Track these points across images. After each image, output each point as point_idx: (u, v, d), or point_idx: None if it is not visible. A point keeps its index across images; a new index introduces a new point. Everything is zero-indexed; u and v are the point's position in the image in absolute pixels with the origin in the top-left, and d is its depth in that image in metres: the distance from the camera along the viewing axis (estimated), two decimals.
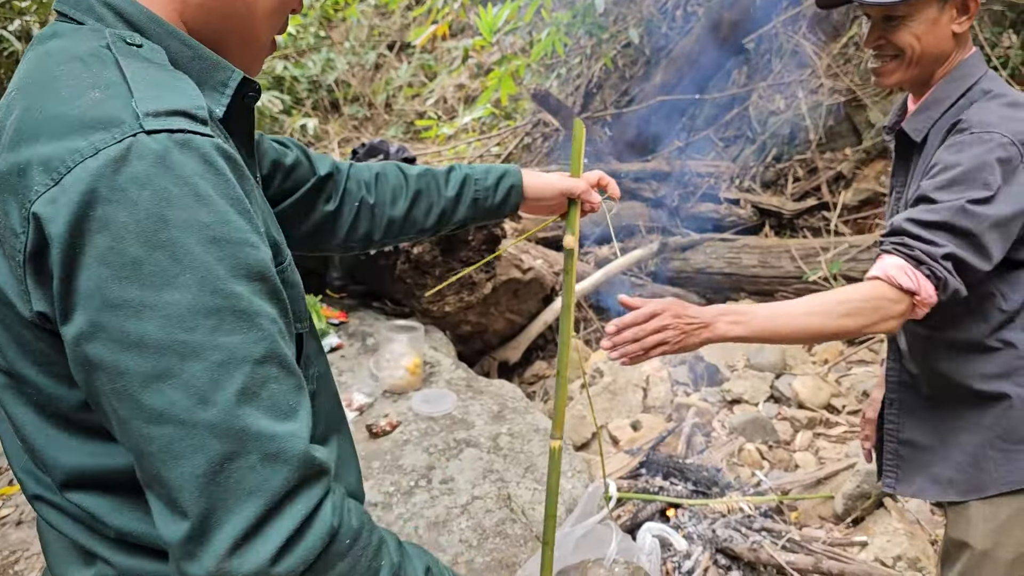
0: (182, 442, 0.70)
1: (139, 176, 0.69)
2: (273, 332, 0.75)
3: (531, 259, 4.60)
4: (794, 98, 5.72)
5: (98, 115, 0.72)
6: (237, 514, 0.71)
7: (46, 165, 0.70)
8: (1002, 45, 4.89)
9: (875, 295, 1.45)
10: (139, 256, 0.69)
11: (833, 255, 4.64)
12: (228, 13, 0.88)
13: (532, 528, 2.33)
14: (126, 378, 0.70)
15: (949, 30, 1.55)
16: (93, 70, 0.76)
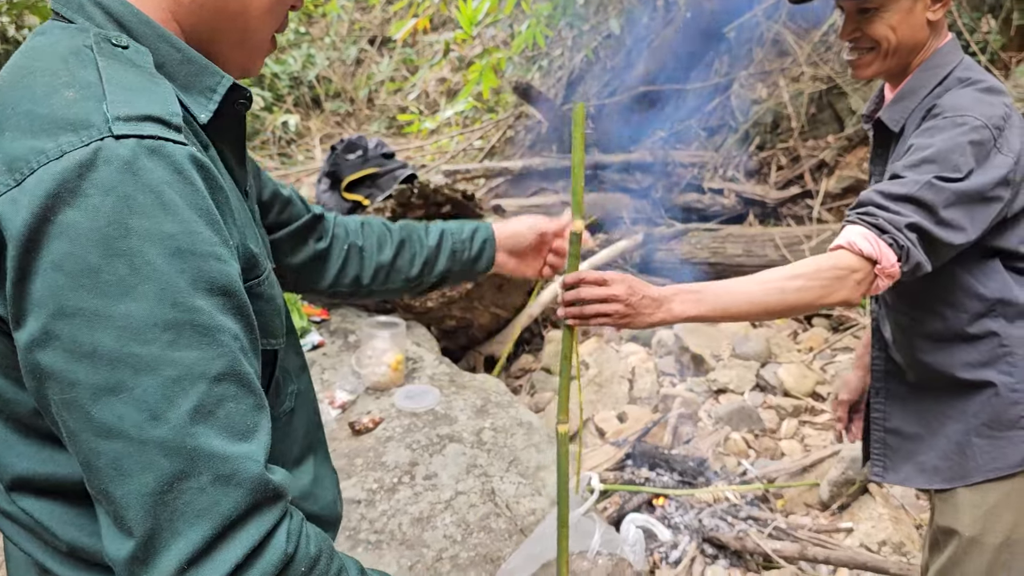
0: (130, 459, 0.68)
1: (104, 182, 0.67)
2: (234, 349, 0.72)
3: None
4: (775, 86, 5.73)
5: (68, 116, 0.69)
6: (184, 537, 0.68)
7: (10, 164, 0.68)
8: (980, 30, 4.91)
9: (832, 263, 1.41)
10: (97, 264, 0.66)
11: (817, 242, 4.65)
12: (222, 11, 0.86)
13: (516, 522, 2.32)
14: (77, 389, 0.67)
15: (924, 19, 1.54)
16: (71, 69, 0.74)
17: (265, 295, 0.86)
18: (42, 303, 0.67)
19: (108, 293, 0.67)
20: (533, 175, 6.06)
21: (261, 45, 0.92)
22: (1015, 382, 1.59)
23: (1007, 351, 1.59)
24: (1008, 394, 1.59)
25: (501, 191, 6.08)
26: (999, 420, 1.60)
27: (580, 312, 1.39)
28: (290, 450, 1.02)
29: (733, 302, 1.43)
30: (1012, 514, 1.62)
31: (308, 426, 1.06)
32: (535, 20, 5.55)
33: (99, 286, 0.66)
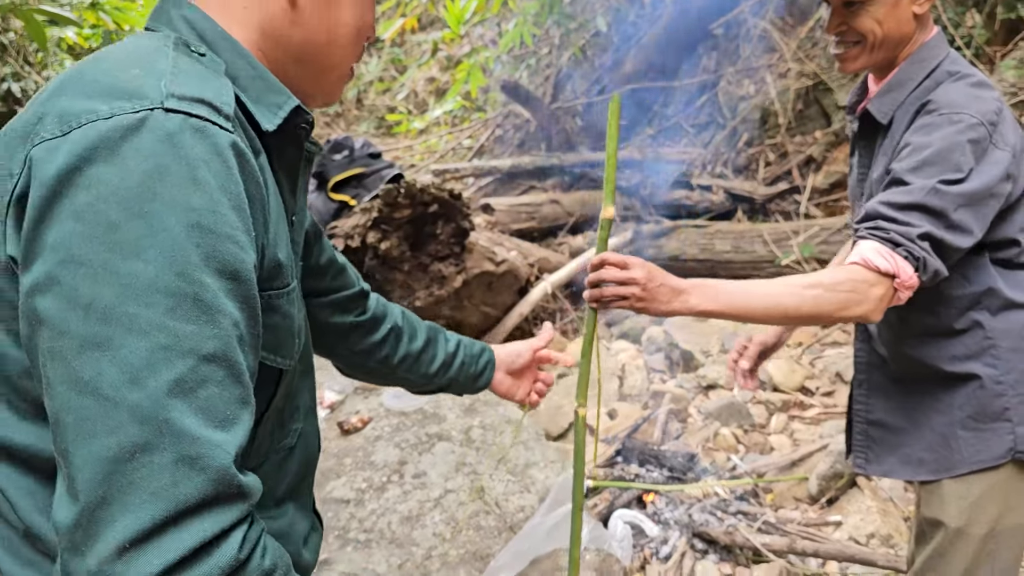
0: (99, 418, 0.66)
1: (143, 147, 0.69)
2: (231, 334, 0.71)
3: (504, 251, 4.59)
4: (763, 83, 5.75)
5: (127, 87, 0.72)
6: (133, 513, 0.65)
7: (61, 116, 0.71)
8: (965, 25, 4.93)
9: (850, 278, 1.43)
10: (116, 220, 0.67)
11: (805, 238, 4.67)
12: (309, 43, 0.91)
13: (505, 519, 2.33)
14: (65, 338, 0.67)
15: (910, 12, 1.54)
16: (144, 55, 0.78)
17: (283, 310, 0.86)
18: (53, 248, 0.67)
19: (120, 250, 0.67)
20: (522, 174, 6.07)
21: (343, 75, 0.98)
22: (999, 374, 1.59)
23: (991, 343, 1.60)
24: (993, 386, 1.60)
25: (490, 190, 6.09)
26: (984, 412, 1.61)
27: (601, 294, 1.43)
28: (276, 488, 1.00)
29: (750, 301, 1.45)
30: (996, 505, 1.62)
31: (301, 469, 1.05)
32: (522, 19, 5.55)
33: (113, 241, 0.67)
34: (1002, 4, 4.81)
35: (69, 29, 4.71)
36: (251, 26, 0.88)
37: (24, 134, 0.73)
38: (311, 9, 0.90)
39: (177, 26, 0.86)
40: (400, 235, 3.55)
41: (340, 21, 0.92)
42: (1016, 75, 4.63)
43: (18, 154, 0.72)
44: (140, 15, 5.02)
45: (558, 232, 5.67)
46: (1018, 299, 1.59)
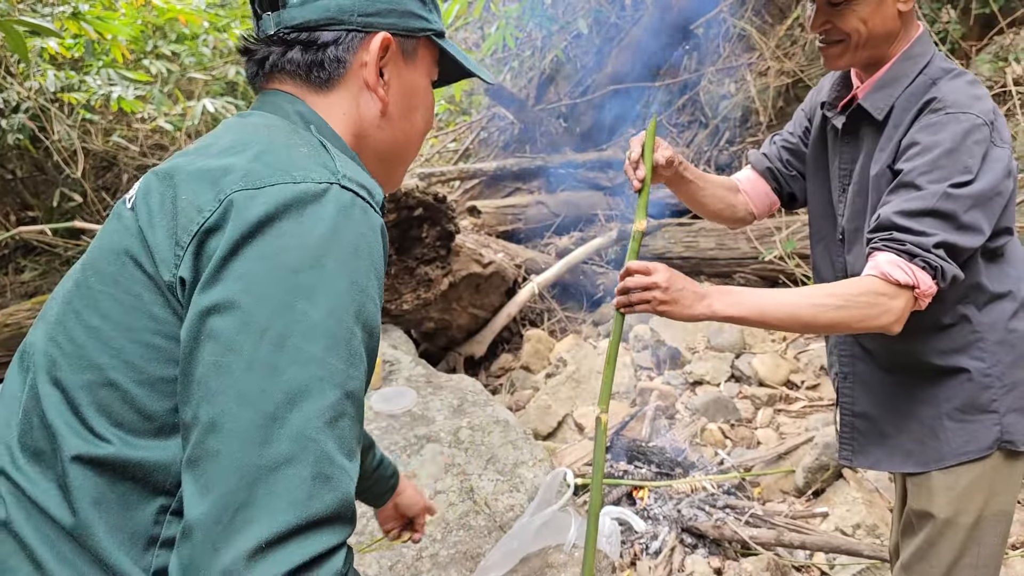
0: (256, 430, 0.74)
1: (325, 212, 0.83)
2: (362, 379, 0.83)
3: (491, 253, 4.61)
4: (743, 81, 5.79)
5: (306, 163, 0.87)
6: (271, 518, 0.72)
7: (249, 174, 0.84)
8: (941, 20, 4.99)
9: (870, 290, 1.45)
10: (296, 267, 0.79)
11: (787, 234, 4.71)
12: (392, 143, 1.09)
13: (495, 519, 2.35)
14: (235, 356, 0.76)
15: (895, 10, 1.55)
16: (300, 136, 0.94)
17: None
18: (239, 277, 0.79)
19: (295, 291, 0.79)
20: (507, 176, 6.10)
21: (406, 169, 1.18)
22: (987, 367, 1.62)
23: (978, 337, 1.62)
24: (980, 379, 1.62)
25: (476, 192, 6.11)
26: (972, 404, 1.63)
27: (627, 300, 1.50)
28: None
29: (771, 309, 1.50)
30: (983, 494, 1.65)
31: None
32: (504, 22, 5.58)
33: (291, 283, 0.79)
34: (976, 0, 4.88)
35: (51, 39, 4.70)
36: (347, 128, 1.04)
37: (211, 179, 0.86)
38: (397, 117, 1.08)
39: (293, 120, 1.00)
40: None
41: (415, 126, 1.11)
42: (991, 69, 4.70)
43: (206, 195, 0.84)
44: (123, 23, 5.02)
45: (544, 233, 5.70)
46: (1001, 291, 1.62)
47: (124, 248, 0.89)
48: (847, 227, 1.71)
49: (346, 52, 1.02)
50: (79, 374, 0.87)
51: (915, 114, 1.54)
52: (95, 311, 0.88)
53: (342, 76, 1.03)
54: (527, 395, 4.20)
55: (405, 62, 1.08)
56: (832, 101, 1.75)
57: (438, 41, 1.11)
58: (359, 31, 1.02)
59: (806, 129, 1.90)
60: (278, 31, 1.02)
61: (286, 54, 1.02)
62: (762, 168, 1.95)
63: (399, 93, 1.07)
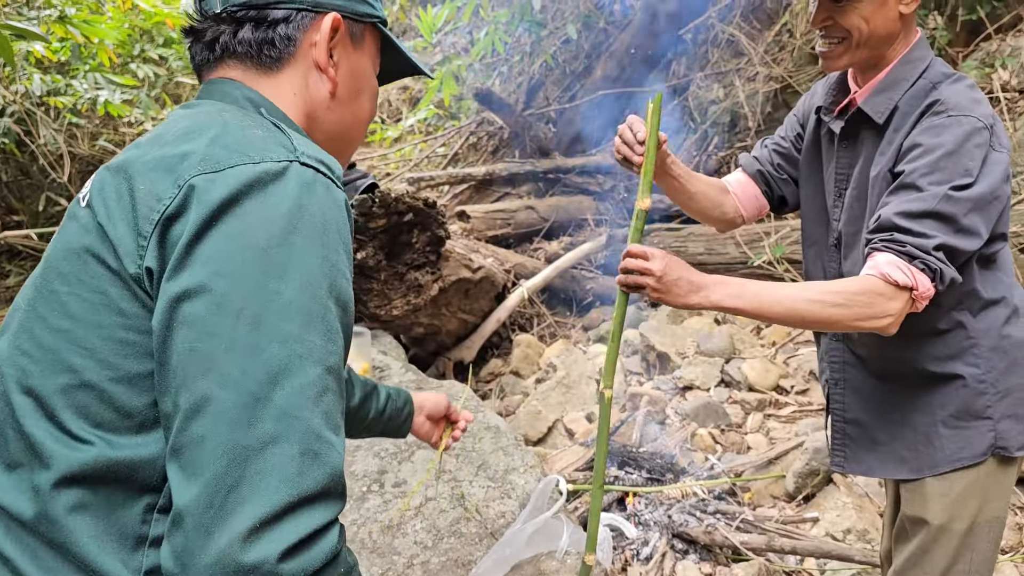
0: (241, 411, 0.74)
1: (288, 190, 0.83)
2: (340, 353, 0.83)
3: (481, 258, 4.60)
4: (732, 87, 5.81)
5: (263, 144, 0.87)
6: (264, 497, 0.73)
7: (207, 159, 0.83)
8: (927, 26, 5.03)
9: (870, 289, 1.45)
10: (265, 245, 0.79)
11: (776, 239, 4.73)
12: (341, 124, 1.10)
13: (486, 526, 2.34)
14: (213, 340, 0.76)
15: (896, 11, 1.54)
16: (253, 119, 0.94)
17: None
18: (207, 261, 0.78)
19: (267, 270, 0.79)
20: (497, 180, 6.09)
21: (352, 152, 1.20)
22: (981, 373, 1.62)
23: (973, 343, 1.62)
24: (975, 385, 1.62)
25: (465, 197, 6.10)
26: (966, 411, 1.63)
27: (625, 280, 1.52)
28: None
29: (770, 301, 1.49)
30: (977, 500, 1.65)
31: None
32: (493, 27, 5.58)
33: (261, 262, 0.79)
34: (963, 6, 4.91)
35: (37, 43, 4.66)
36: (298, 109, 1.04)
37: (167, 167, 0.85)
38: (346, 99, 1.09)
39: (242, 105, 0.99)
40: (376, 244, 3.55)
41: (362, 109, 1.12)
42: (978, 75, 4.73)
43: (164, 183, 0.84)
44: (110, 27, 4.98)
45: (533, 238, 5.70)
46: (994, 297, 1.62)
47: (84, 246, 0.87)
48: (844, 231, 1.70)
49: (296, 31, 1.02)
50: (52, 378, 0.86)
51: (917, 117, 1.54)
52: (62, 313, 0.87)
53: (292, 56, 1.03)
54: (517, 400, 4.19)
55: (353, 46, 1.08)
56: (829, 105, 1.75)
57: (383, 29, 1.13)
58: (309, 10, 1.03)
59: (798, 134, 1.89)
60: (225, 8, 1.01)
61: (237, 33, 1.01)
62: (753, 171, 1.95)
63: (347, 75, 1.08)
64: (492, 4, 6.04)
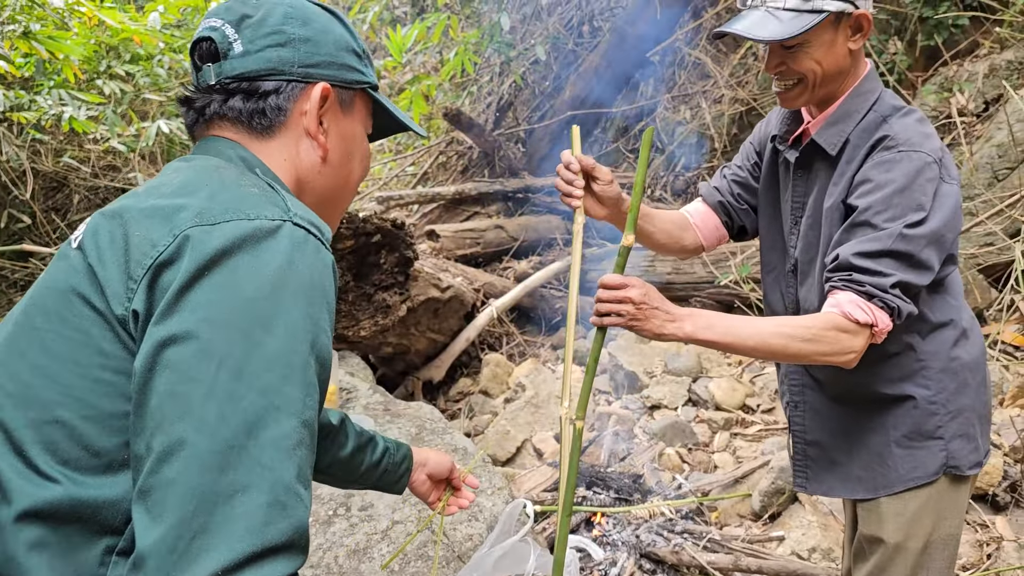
0: (214, 457, 0.75)
1: (278, 247, 0.86)
2: (316, 408, 0.84)
3: (450, 277, 4.60)
4: (698, 108, 5.90)
5: (258, 202, 0.90)
6: (229, 545, 0.73)
7: (204, 212, 0.87)
8: (888, 52, 5.15)
9: (834, 327, 1.50)
10: (252, 297, 0.82)
11: (742, 259, 4.79)
12: (331, 188, 1.13)
13: (453, 549, 2.33)
14: (193, 385, 0.77)
15: (846, 49, 1.58)
16: (248, 178, 0.97)
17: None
18: (195, 308, 0.80)
19: (252, 321, 0.81)
20: (466, 200, 6.11)
21: (342, 214, 1.22)
22: (932, 394, 1.65)
23: (923, 365, 1.65)
24: (926, 406, 1.66)
25: (435, 216, 6.11)
26: (918, 431, 1.66)
27: (596, 310, 1.52)
28: None
29: (741, 335, 1.52)
30: (931, 518, 1.68)
31: None
32: (463, 47, 5.61)
33: (247, 313, 0.81)
34: (922, 32, 5.04)
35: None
36: (289, 174, 1.07)
37: (164, 216, 0.87)
38: (336, 163, 1.12)
39: (237, 164, 1.02)
40: (343, 266, 3.54)
41: (353, 173, 1.16)
42: (936, 99, 4.85)
43: (160, 230, 0.86)
44: (76, 43, 4.93)
45: (503, 257, 5.71)
46: (942, 320, 1.66)
47: (71, 286, 0.89)
48: (800, 258, 1.73)
49: (287, 101, 1.06)
50: (23, 412, 0.86)
51: (868, 150, 1.57)
52: (41, 349, 0.88)
53: (282, 124, 1.07)
54: (486, 420, 4.18)
55: (343, 112, 1.12)
56: (783, 135, 1.78)
57: (373, 94, 1.17)
58: (299, 81, 1.07)
59: (755, 163, 1.92)
60: (219, 80, 1.05)
61: (227, 102, 1.05)
62: (713, 202, 1.97)
63: (338, 140, 1.12)
64: (462, 25, 6.08)
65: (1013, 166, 4.34)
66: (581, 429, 1.57)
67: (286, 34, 1.06)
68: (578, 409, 1.57)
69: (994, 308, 4.10)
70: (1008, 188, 4.30)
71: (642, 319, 1.50)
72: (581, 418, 1.56)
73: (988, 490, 3.01)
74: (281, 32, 1.05)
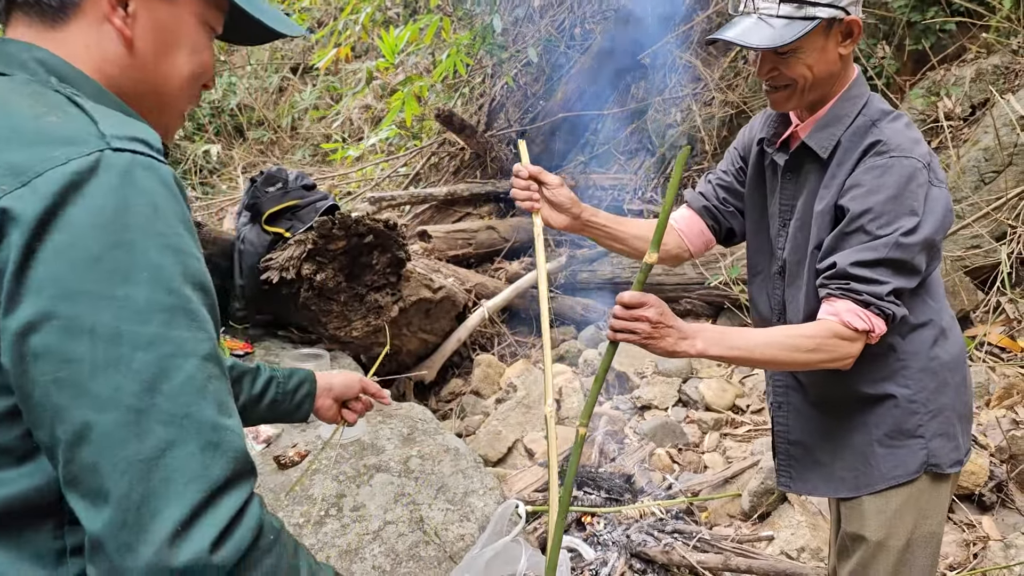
0: (126, 428, 0.73)
1: (105, 186, 0.76)
2: (213, 337, 0.81)
3: (442, 278, 4.61)
4: (689, 111, 5.93)
5: (64, 133, 0.79)
6: (177, 501, 0.73)
7: (14, 169, 0.75)
8: (876, 56, 5.19)
9: (834, 335, 1.55)
10: (99, 253, 0.74)
11: (732, 260, 4.82)
12: (144, 84, 0.97)
13: (445, 549, 2.34)
14: (73, 366, 0.73)
15: (836, 53, 1.60)
16: (45, 100, 0.83)
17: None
18: (42, 287, 0.73)
19: (108, 278, 0.74)
20: (458, 200, 6.12)
21: (176, 116, 1.05)
22: (912, 393, 1.69)
23: (903, 364, 1.69)
24: (907, 405, 1.69)
25: (427, 217, 6.11)
26: (899, 430, 1.70)
27: (611, 327, 1.55)
28: None
29: (750, 349, 1.57)
30: (912, 516, 1.72)
31: None
32: (455, 49, 5.62)
33: (100, 272, 0.74)
34: (910, 36, 5.08)
35: None
36: (96, 65, 0.93)
37: None
38: (150, 56, 0.96)
39: (32, 70, 0.89)
40: (335, 266, 3.54)
41: (176, 68, 0.99)
42: (924, 103, 4.89)
43: None
44: None
45: (495, 258, 5.72)
46: (922, 320, 1.69)
47: None
48: (789, 259, 1.76)
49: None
50: None
51: (860, 154, 1.60)
52: None
53: (76, 5, 0.91)
54: (477, 420, 4.19)
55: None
56: (771, 138, 1.80)
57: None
58: None
59: (740, 168, 1.95)
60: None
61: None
62: (699, 206, 2.00)
63: (149, 29, 0.95)
64: (454, 26, 6.09)
65: (999, 169, 4.38)
66: (584, 435, 1.60)
67: None
68: (583, 416, 1.60)
69: (980, 310, 4.15)
70: (994, 191, 4.34)
71: (657, 337, 1.53)
72: (585, 424, 1.59)
73: (974, 490, 3.04)
74: None
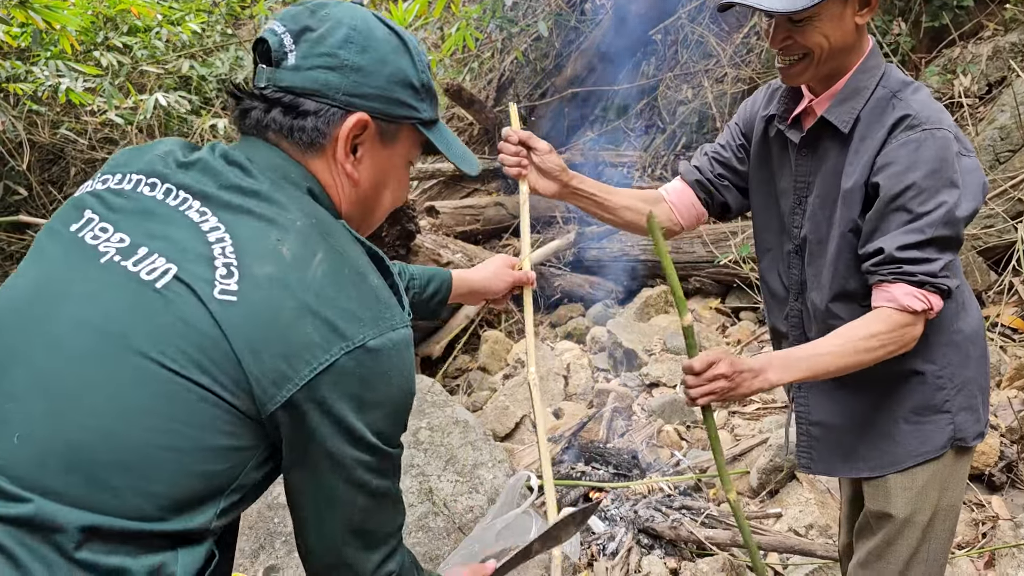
0: (375, 511, 1.07)
1: (409, 358, 1.02)
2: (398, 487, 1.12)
3: (450, 253, 4.60)
4: (700, 87, 5.87)
5: (384, 302, 1.00)
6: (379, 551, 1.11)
7: (353, 329, 0.95)
8: (892, 32, 5.12)
9: (897, 324, 1.53)
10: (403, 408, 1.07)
11: (742, 239, 4.78)
12: (366, 211, 1.18)
13: (454, 520, 2.34)
14: (358, 471, 1.01)
15: (853, 23, 1.56)
16: (348, 252, 1.02)
17: None
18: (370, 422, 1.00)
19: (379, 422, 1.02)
20: (466, 176, 6.08)
21: (374, 227, 1.27)
22: (939, 368, 1.66)
23: (927, 339, 1.63)
24: (934, 380, 1.67)
25: (435, 193, 6.09)
26: (925, 406, 1.68)
27: (698, 394, 1.53)
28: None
29: (820, 364, 1.56)
30: (936, 491, 1.70)
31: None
32: (464, 23, 5.57)
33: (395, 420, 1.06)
34: (926, 13, 5.01)
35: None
36: (335, 192, 1.12)
37: (312, 314, 0.93)
38: (367, 189, 1.15)
39: (300, 189, 1.06)
40: None
41: (381, 201, 1.20)
42: (940, 81, 4.83)
43: (316, 335, 0.93)
44: (73, 13, 4.88)
45: (502, 234, 5.70)
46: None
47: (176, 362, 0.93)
48: (810, 238, 1.71)
49: (326, 124, 1.07)
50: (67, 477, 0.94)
51: (888, 130, 1.56)
52: (108, 404, 0.95)
53: (326, 146, 1.08)
54: (484, 396, 4.19)
55: (383, 143, 1.13)
56: (782, 114, 1.75)
57: (423, 130, 1.16)
58: (340, 108, 1.07)
59: (741, 144, 1.89)
60: (268, 86, 1.06)
61: (269, 112, 1.06)
62: (691, 179, 1.94)
63: (370, 170, 1.13)
64: (463, 0, 6.03)
65: (1015, 148, 4.33)
66: (737, 502, 1.64)
67: (339, 58, 1.05)
68: (725, 483, 1.62)
69: (993, 291, 4.11)
70: (1010, 170, 4.29)
71: (736, 386, 1.52)
72: (731, 490, 1.62)
73: (984, 470, 3.03)
74: (335, 56, 1.05)
